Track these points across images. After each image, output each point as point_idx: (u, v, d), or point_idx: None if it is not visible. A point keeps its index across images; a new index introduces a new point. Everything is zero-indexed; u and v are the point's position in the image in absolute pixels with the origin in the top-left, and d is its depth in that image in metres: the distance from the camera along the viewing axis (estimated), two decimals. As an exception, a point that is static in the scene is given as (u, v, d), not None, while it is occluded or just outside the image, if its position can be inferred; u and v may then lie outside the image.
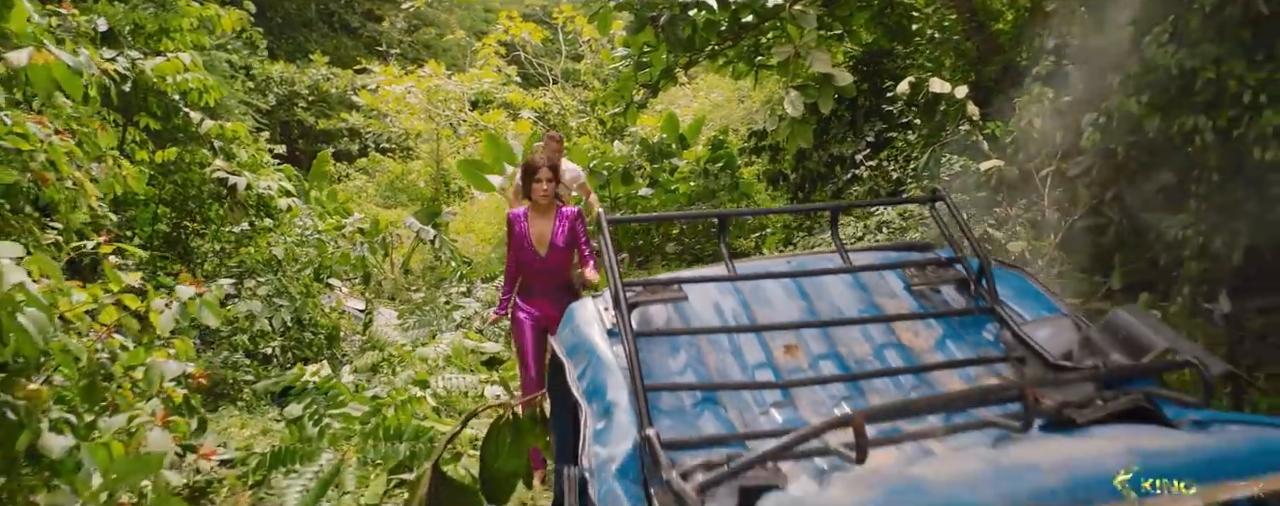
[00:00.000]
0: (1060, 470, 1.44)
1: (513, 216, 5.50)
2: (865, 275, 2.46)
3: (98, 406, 3.13)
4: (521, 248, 5.39)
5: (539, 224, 5.41)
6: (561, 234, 5.39)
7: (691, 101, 15.81)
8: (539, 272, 5.44)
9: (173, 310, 3.26)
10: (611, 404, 1.97)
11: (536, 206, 5.41)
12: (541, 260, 5.37)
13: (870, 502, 1.41)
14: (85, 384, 3.13)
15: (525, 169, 5.51)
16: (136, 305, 3.30)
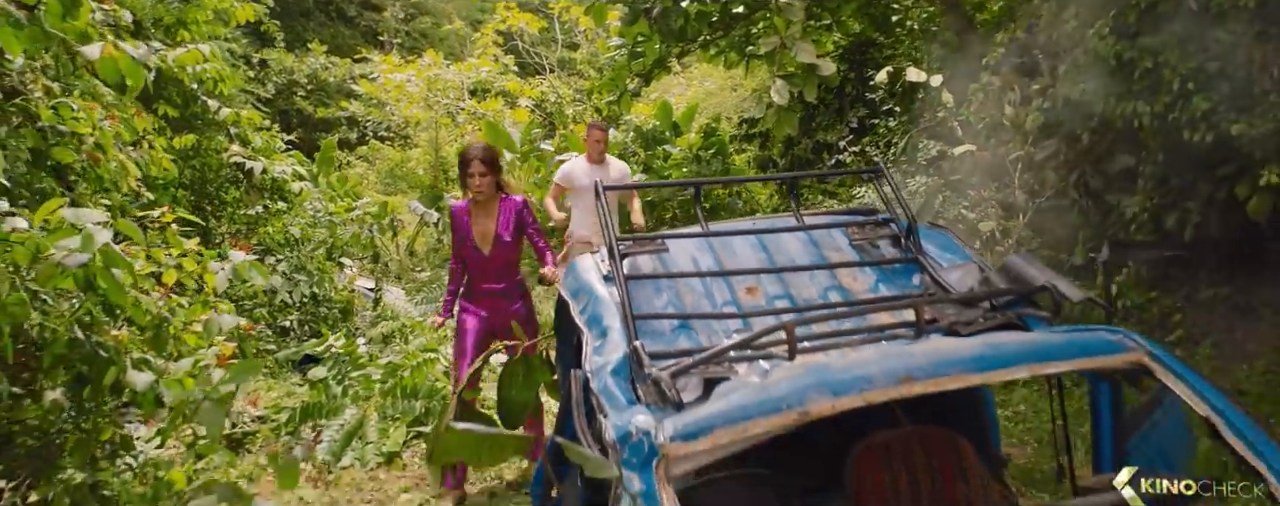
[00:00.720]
0: (930, 355, 2.02)
1: (455, 210, 5.21)
2: (816, 233, 3.03)
3: (164, 353, 3.70)
4: (464, 245, 5.11)
5: (481, 219, 5.12)
6: (507, 227, 5.12)
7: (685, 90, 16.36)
8: (485, 272, 5.14)
9: (226, 271, 3.83)
10: (607, 328, 2.54)
11: (476, 201, 5.11)
12: (486, 258, 5.09)
13: (792, 378, 1.99)
14: (152, 334, 3.71)
15: (459, 161, 5.20)
16: (193, 267, 3.87)
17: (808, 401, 1.92)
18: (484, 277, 5.13)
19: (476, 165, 5.01)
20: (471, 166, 5.02)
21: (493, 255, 5.10)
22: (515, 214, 5.13)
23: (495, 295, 5.12)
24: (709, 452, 1.90)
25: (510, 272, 5.22)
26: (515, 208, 5.14)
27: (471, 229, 5.09)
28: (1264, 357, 5.87)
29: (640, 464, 1.86)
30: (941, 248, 2.97)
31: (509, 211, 5.12)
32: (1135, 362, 2.07)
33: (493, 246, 5.09)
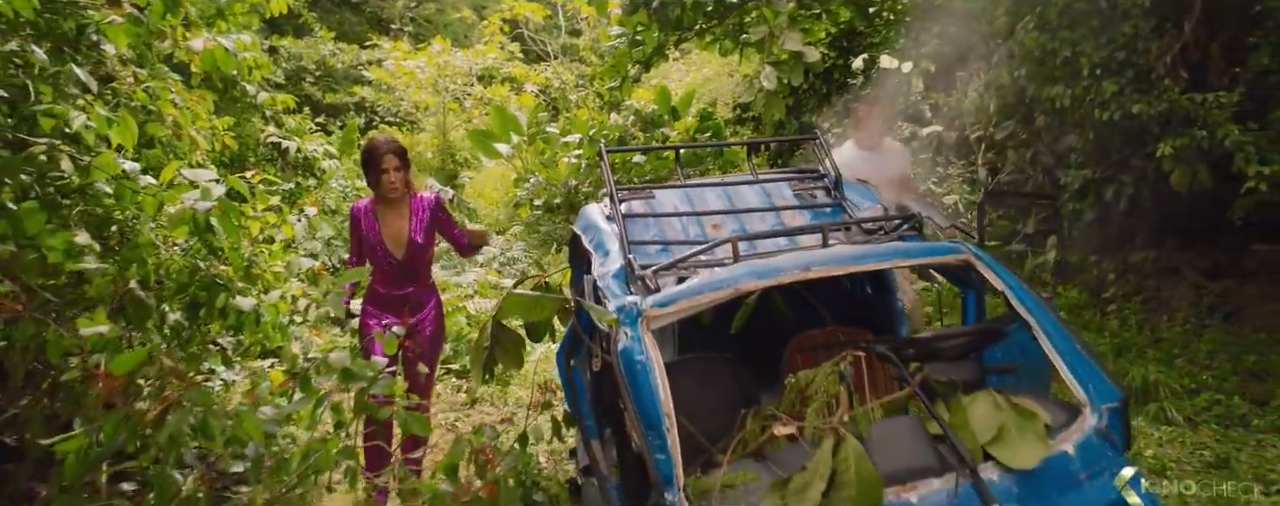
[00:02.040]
0: (824, 255, 3.08)
1: (357, 211, 4.86)
2: (767, 185, 4.09)
3: (256, 287, 4.77)
4: (372, 249, 4.79)
5: (392, 220, 4.84)
6: (420, 229, 4.84)
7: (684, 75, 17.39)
8: (395, 276, 4.82)
9: (302, 223, 4.89)
10: (609, 250, 3.60)
11: (386, 200, 4.84)
12: (399, 262, 4.81)
13: (731, 270, 3.05)
14: (244, 271, 4.78)
15: (364, 155, 4.84)
16: (274, 219, 4.94)
17: (740, 282, 2.98)
18: (393, 283, 4.83)
19: (389, 159, 4.74)
20: (384, 161, 4.73)
21: (406, 258, 4.82)
22: (429, 213, 4.86)
23: (402, 301, 4.83)
24: (675, 315, 2.96)
25: (423, 276, 4.94)
26: (428, 206, 4.88)
27: (381, 231, 4.81)
28: (1182, 311, 6.93)
29: (631, 321, 2.92)
30: (861, 196, 4.03)
31: (422, 211, 4.86)
32: (964, 261, 3.14)
33: (406, 249, 4.81)
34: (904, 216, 3.46)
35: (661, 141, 12.53)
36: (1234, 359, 6.00)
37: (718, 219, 3.87)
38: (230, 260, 4.70)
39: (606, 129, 11.92)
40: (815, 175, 4.21)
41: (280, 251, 4.91)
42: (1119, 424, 2.73)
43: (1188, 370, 6.07)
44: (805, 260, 3.07)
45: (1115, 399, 2.76)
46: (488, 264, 9.31)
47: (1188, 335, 6.64)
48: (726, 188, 4.11)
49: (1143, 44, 5.76)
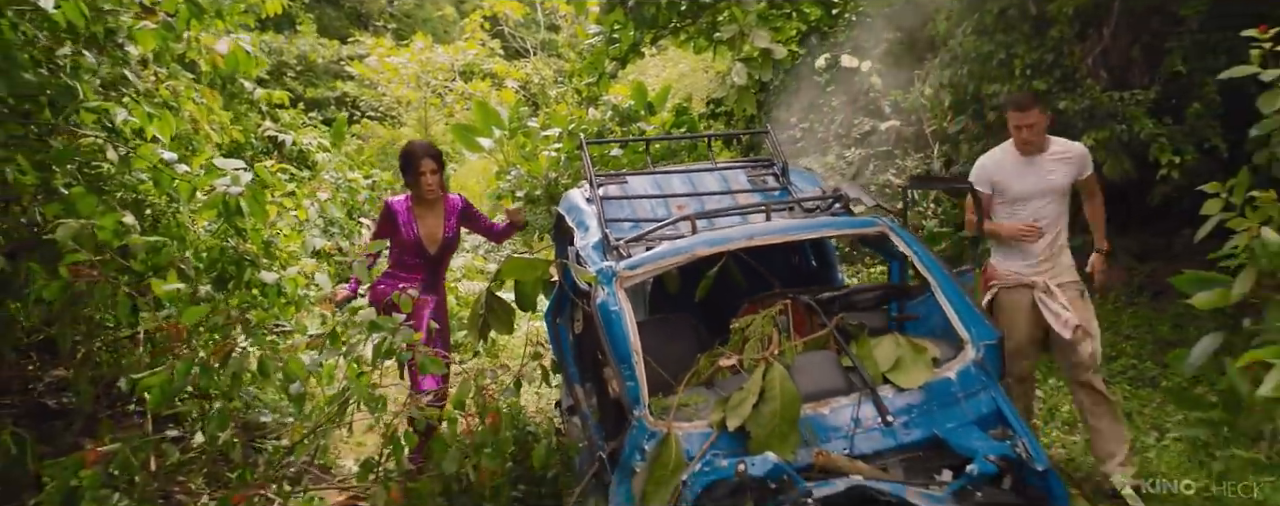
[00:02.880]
0: (766, 227, 3.85)
1: (396, 207, 5.17)
2: (724, 172, 4.85)
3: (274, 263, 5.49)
4: (407, 245, 5.15)
5: (428, 220, 5.19)
6: (453, 228, 5.24)
7: (661, 71, 18.13)
8: (425, 270, 5.23)
9: (315, 206, 5.62)
10: (589, 226, 4.35)
11: (423, 200, 5.19)
12: (432, 258, 5.21)
13: (689, 239, 3.81)
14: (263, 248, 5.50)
15: (403, 158, 5.18)
16: (291, 204, 5.66)
17: (696, 249, 3.74)
18: (423, 276, 5.21)
19: (427, 163, 5.06)
20: (422, 165, 5.06)
21: (437, 254, 5.22)
22: (458, 214, 5.25)
23: (426, 288, 5.21)
24: (643, 276, 3.71)
25: (442, 271, 5.39)
26: (458, 207, 5.26)
27: (418, 229, 5.16)
28: (1115, 290, 7.73)
29: (607, 280, 3.67)
30: (805, 181, 4.80)
31: (453, 212, 5.23)
32: (880, 232, 3.91)
33: (439, 246, 5.20)
34: (835, 197, 4.23)
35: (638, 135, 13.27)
36: (1152, 330, 6.81)
37: (681, 200, 4.62)
38: (252, 239, 5.42)
39: (585, 123, 12.63)
40: (767, 163, 4.98)
41: (294, 234, 5.64)
42: (994, 358, 3.51)
43: (1112, 341, 6.87)
44: (750, 231, 3.83)
45: (992, 338, 3.54)
46: (474, 250, 10.04)
47: (1117, 311, 7.43)
48: (690, 174, 4.87)
49: (1068, 47, 6.56)
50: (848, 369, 3.46)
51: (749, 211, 4.25)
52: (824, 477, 2.99)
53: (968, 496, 2.96)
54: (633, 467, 3.20)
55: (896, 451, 3.21)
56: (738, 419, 3.15)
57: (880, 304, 3.85)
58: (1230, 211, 3.23)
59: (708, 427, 3.23)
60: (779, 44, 10.67)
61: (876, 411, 3.26)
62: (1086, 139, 6.58)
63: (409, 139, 4.93)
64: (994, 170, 4.81)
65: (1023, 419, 3.42)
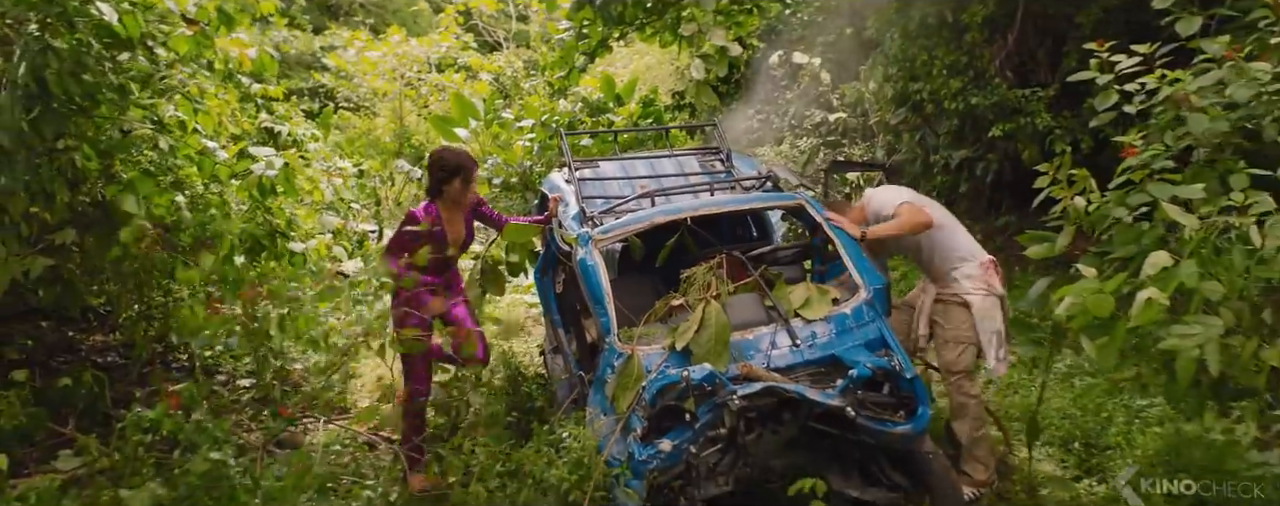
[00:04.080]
0: (707, 201, 5.04)
1: (428, 214, 5.40)
2: (679, 157, 6.03)
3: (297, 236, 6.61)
4: (437, 246, 5.35)
5: (454, 222, 5.52)
6: (471, 230, 5.63)
7: (629, 63, 19.28)
8: (447, 271, 5.59)
9: (331, 188, 6.73)
10: (568, 201, 5.51)
11: (451, 205, 5.49)
12: (451, 258, 5.58)
13: (649, 210, 4.98)
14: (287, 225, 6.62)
15: (448, 165, 5.39)
16: (309, 187, 6.77)
17: (654, 218, 4.92)
18: (440, 271, 5.52)
19: (475, 172, 5.46)
20: (472, 174, 5.43)
21: (455, 256, 5.62)
22: (473, 212, 5.62)
23: (445, 284, 5.56)
24: (612, 239, 4.88)
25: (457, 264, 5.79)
26: (473, 206, 5.61)
27: (447, 231, 5.46)
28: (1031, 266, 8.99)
29: (584, 242, 4.84)
30: (746, 165, 5.99)
31: (469, 212, 5.60)
32: (799, 205, 5.10)
33: (459, 246, 5.59)
34: (767, 177, 5.43)
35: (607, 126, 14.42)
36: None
37: (643, 181, 5.80)
38: (278, 216, 6.55)
39: (557, 115, 13.75)
40: (715, 150, 6.17)
41: (311, 212, 6.77)
42: (881, 299, 4.71)
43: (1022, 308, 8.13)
44: (696, 204, 5.03)
45: (881, 283, 4.75)
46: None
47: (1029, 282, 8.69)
48: (650, 160, 6.05)
49: (979, 50, 7.80)
50: (769, 307, 4.67)
51: (698, 189, 5.43)
52: (747, 382, 4.19)
53: (851, 393, 4.17)
54: (605, 380, 4.39)
55: (803, 366, 4.41)
56: (683, 342, 4.34)
57: (797, 260, 5.07)
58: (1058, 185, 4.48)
59: (661, 349, 4.42)
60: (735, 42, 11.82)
61: (789, 337, 4.47)
62: (996, 130, 7.83)
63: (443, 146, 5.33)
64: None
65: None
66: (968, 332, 5.02)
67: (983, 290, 5.01)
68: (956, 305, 5.08)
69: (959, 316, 5.06)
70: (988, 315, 4.99)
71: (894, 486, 4.45)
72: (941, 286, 5.19)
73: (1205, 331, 3.68)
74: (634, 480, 4.09)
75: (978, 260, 5.14)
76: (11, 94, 5.29)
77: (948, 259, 5.16)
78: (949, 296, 5.13)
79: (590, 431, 4.33)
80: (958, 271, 5.12)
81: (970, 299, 5.02)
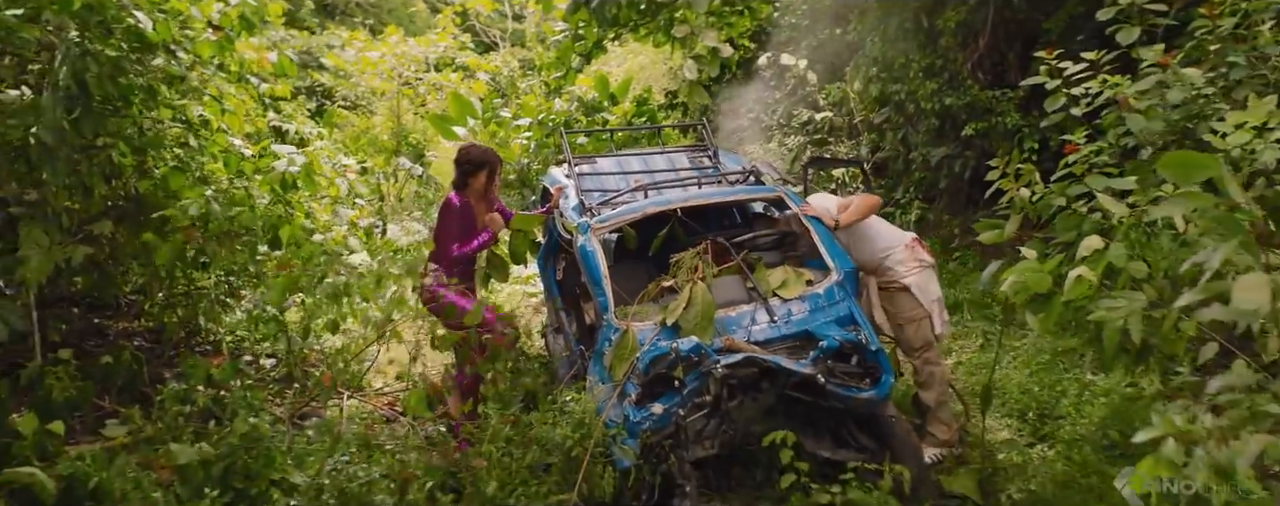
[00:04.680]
0: (698, 194, 5.63)
1: (462, 204, 5.84)
2: (671, 154, 6.62)
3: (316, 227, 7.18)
4: (470, 240, 5.81)
5: (481, 214, 5.97)
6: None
7: (623, 62, 19.86)
8: (472, 264, 5.90)
9: (346, 184, 7.31)
10: (568, 194, 6.10)
11: (479, 199, 5.97)
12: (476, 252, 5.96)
13: (642, 201, 5.57)
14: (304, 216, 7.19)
15: (475, 159, 5.88)
16: (325, 183, 7.34)
17: (646, 209, 5.50)
18: (467, 269, 5.84)
19: (500, 168, 5.94)
20: (497, 169, 5.93)
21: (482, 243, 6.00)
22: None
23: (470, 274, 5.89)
24: (609, 228, 5.46)
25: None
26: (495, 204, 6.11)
27: (477, 223, 5.90)
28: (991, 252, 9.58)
29: (584, 231, 5.42)
30: (732, 161, 6.58)
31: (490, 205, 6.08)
32: (778, 197, 5.68)
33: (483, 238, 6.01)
34: (750, 171, 6.02)
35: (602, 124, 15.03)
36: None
37: (638, 175, 6.39)
38: (297, 210, 7.12)
39: (553, 114, 14.34)
40: (704, 148, 6.76)
41: (329, 205, 7.34)
42: (851, 281, 5.31)
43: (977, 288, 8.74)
44: (685, 196, 5.62)
45: (850, 267, 5.34)
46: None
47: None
48: (644, 156, 6.64)
49: (953, 54, 8.40)
50: (749, 287, 5.26)
51: (687, 183, 6.02)
52: (729, 353, 4.78)
53: (821, 363, 4.76)
54: (603, 352, 4.98)
55: (780, 340, 5.01)
56: (673, 317, 4.93)
57: (776, 245, 5.66)
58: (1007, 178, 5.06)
59: (653, 325, 5.01)
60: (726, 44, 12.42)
61: (767, 314, 5.06)
62: (969, 129, 8.43)
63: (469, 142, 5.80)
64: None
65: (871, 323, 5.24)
66: (916, 310, 5.60)
67: (915, 269, 5.60)
68: (898, 290, 5.64)
69: (903, 300, 5.64)
70: (925, 287, 5.61)
71: (862, 447, 5.04)
72: (879, 276, 5.74)
73: (1129, 305, 4.25)
74: (629, 439, 4.67)
75: (902, 243, 5.72)
76: (53, 95, 5.82)
77: (876, 251, 5.72)
78: (889, 284, 5.68)
79: (590, 397, 4.91)
80: (889, 259, 5.67)
81: (907, 281, 5.60)
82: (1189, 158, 2.75)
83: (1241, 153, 4.73)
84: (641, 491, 4.75)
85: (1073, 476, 4.82)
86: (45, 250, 5.90)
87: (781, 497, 4.74)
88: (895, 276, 5.62)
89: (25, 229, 5.87)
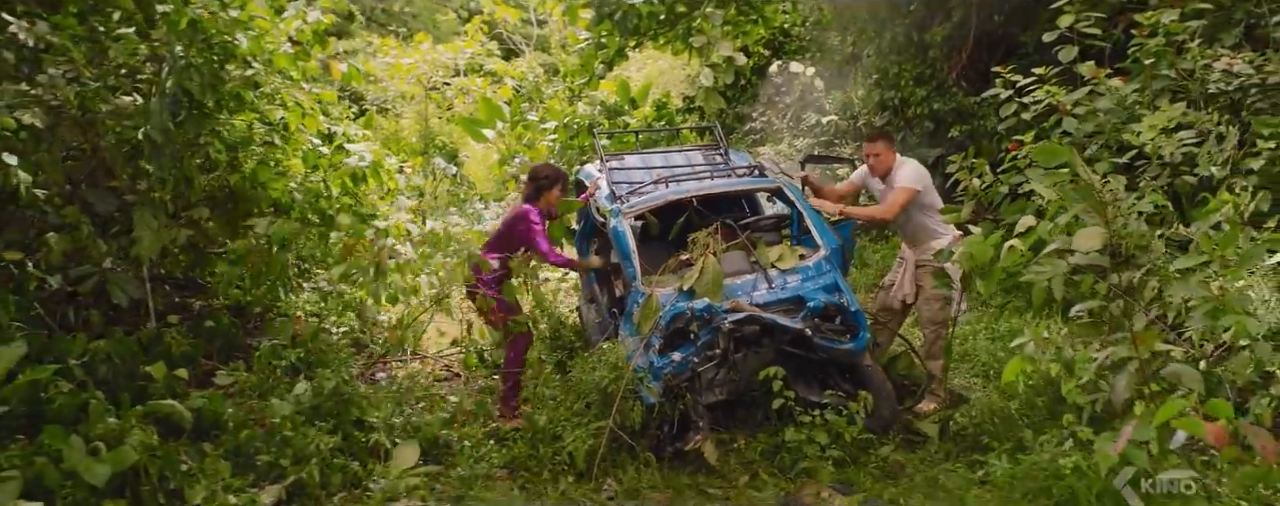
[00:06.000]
0: (712, 184, 6.90)
1: (542, 215, 6.88)
2: (688, 152, 7.89)
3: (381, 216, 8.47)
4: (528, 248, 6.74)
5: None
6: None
7: (642, 67, 21.12)
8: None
9: (404, 178, 8.58)
10: (601, 186, 7.37)
11: (545, 209, 6.94)
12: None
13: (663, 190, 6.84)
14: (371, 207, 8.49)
15: (550, 176, 7.01)
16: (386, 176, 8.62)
17: (666, 197, 6.77)
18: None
19: (566, 183, 6.95)
20: (566, 184, 7.03)
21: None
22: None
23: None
24: (637, 212, 6.73)
25: None
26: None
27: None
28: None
29: (616, 215, 6.69)
30: (740, 158, 7.83)
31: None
32: (778, 187, 6.94)
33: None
34: (755, 166, 7.28)
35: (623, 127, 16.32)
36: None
37: (659, 170, 7.65)
38: (363, 201, 8.41)
39: (577, 118, 15.60)
40: (716, 147, 8.02)
41: (389, 195, 8.63)
42: (838, 257, 6.56)
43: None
44: (699, 186, 6.88)
45: (835, 244, 6.59)
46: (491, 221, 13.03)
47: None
48: (664, 154, 7.91)
49: (940, 64, 9.64)
50: (752, 261, 6.52)
51: (701, 176, 7.29)
52: (735, 313, 6.04)
53: (810, 320, 6.02)
54: (632, 312, 6.24)
55: (777, 303, 6.26)
56: (689, 284, 6.19)
57: (776, 228, 6.94)
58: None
59: (673, 290, 6.27)
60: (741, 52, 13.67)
61: (766, 282, 6.31)
62: (954, 131, 9.66)
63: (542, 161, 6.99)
64: (866, 178, 7.26)
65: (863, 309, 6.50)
66: (944, 290, 6.62)
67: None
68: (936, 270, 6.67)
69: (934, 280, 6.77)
70: (956, 273, 6.72)
71: (844, 392, 6.28)
72: (920, 254, 6.89)
73: (1053, 269, 5.48)
74: (653, 380, 5.93)
75: (951, 235, 6.80)
76: (161, 101, 7.09)
77: (931, 235, 6.83)
78: (927, 262, 6.77)
79: (622, 347, 6.18)
80: (936, 242, 6.72)
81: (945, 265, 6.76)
82: (1050, 148, 4.01)
83: (1152, 148, 5.99)
84: (664, 424, 6.03)
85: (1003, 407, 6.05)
86: (154, 232, 7.14)
87: (775, 428, 6.01)
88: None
89: (138, 213, 7.11)
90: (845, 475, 5.84)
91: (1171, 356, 4.23)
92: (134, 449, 5.20)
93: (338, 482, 5.74)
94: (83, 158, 7.39)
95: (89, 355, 6.31)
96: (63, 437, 5.03)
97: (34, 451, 5.02)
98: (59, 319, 6.87)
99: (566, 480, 5.75)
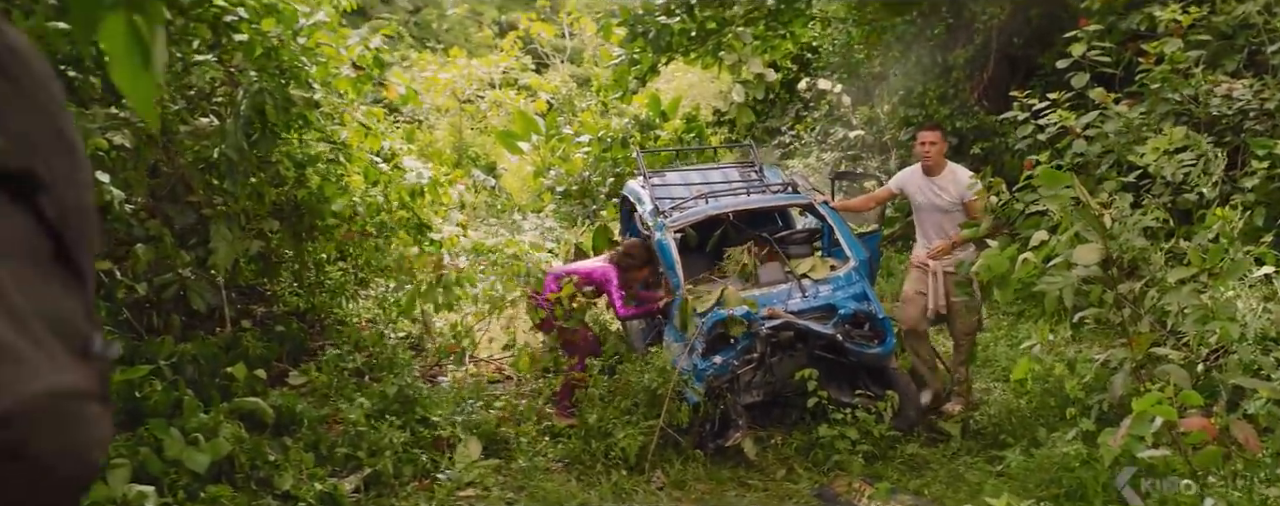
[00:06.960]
0: (747, 199, 7.50)
1: (619, 276, 7.46)
2: (724, 169, 8.49)
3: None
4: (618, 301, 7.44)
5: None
6: None
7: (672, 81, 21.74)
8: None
9: (457, 191, 9.21)
10: (645, 200, 7.97)
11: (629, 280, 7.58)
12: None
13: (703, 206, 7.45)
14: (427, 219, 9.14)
15: (645, 261, 7.59)
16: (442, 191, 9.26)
17: (707, 212, 7.37)
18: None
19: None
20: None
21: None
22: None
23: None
24: (678, 226, 7.33)
25: None
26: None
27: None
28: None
29: (660, 228, 7.29)
30: (773, 174, 8.42)
31: None
32: (810, 203, 7.52)
33: None
34: (787, 183, 7.87)
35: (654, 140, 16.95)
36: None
37: (697, 186, 8.25)
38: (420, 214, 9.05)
39: (610, 131, 16.25)
40: (751, 163, 8.62)
41: (443, 209, 9.26)
42: (865, 268, 7.13)
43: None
44: (736, 202, 7.48)
45: (863, 257, 7.17)
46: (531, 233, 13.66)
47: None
48: (703, 170, 8.51)
49: (962, 84, 10.20)
50: (786, 272, 7.11)
51: (737, 192, 7.88)
52: (771, 319, 6.63)
53: (840, 326, 6.59)
54: (674, 315, 6.85)
55: (810, 311, 6.84)
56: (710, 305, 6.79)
57: (808, 241, 7.53)
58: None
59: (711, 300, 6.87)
60: (770, 69, 14.28)
61: (800, 292, 6.90)
62: (975, 148, 10.22)
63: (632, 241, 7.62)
64: (905, 181, 7.35)
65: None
66: (975, 300, 7.07)
67: None
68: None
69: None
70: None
71: (872, 393, 6.85)
72: (946, 265, 7.13)
73: (1064, 280, 6.04)
74: (697, 381, 6.53)
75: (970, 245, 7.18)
76: (236, 122, 7.73)
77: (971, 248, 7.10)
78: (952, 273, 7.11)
79: (667, 352, 6.78)
80: (961, 252, 7.02)
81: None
82: (1052, 173, 4.58)
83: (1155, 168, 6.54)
84: (706, 422, 6.62)
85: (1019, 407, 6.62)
86: (229, 243, 7.78)
87: (809, 425, 6.59)
88: None
89: (215, 226, 7.75)
90: (874, 469, 6.41)
91: (1166, 358, 4.78)
92: (227, 440, 5.83)
93: (409, 473, 6.36)
94: (164, 175, 8.04)
95: (176, 357, 6.94)
96: (165, 429, 5.66)
97: (136, 442, 5.65)
98: (144, 324, 7.52)
99: (619, 472, 6.34)
